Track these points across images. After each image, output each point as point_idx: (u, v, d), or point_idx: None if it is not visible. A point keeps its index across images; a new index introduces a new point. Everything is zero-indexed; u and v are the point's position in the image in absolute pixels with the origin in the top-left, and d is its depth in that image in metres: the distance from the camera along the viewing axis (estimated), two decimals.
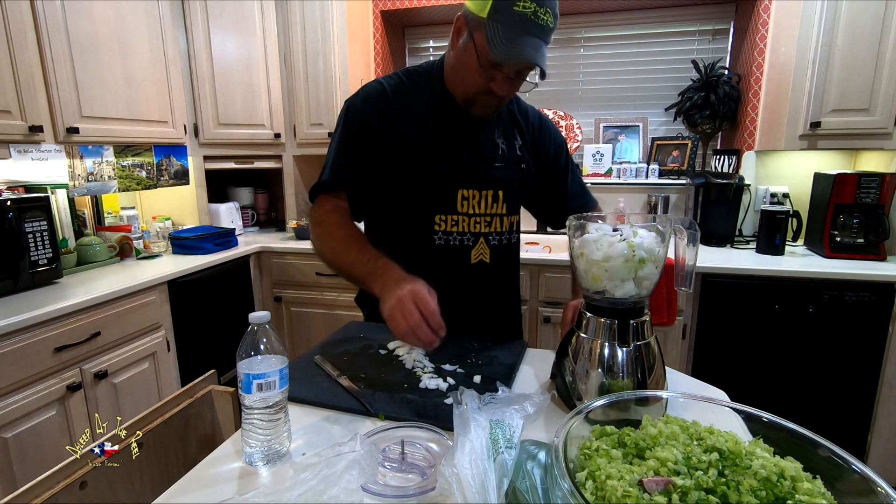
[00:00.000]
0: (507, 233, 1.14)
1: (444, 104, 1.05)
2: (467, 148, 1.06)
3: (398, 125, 1.03)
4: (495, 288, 1.17)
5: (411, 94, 1.05)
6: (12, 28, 1.59)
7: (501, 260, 1.14)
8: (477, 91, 0.98)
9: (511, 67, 0.92)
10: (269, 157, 2.68)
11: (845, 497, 0.49)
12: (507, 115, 1.12)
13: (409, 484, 0.63)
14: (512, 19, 0.87)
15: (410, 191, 1.06)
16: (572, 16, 2.68)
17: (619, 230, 0.76)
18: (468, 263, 1.10)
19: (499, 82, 0.94)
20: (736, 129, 2.48)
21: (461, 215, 1.07)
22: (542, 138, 1.16)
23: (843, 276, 1.84)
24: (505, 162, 1.09)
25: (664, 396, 0.72)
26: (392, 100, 1.03)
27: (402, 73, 1.09)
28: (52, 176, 1.93)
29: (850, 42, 1.90)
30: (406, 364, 0.95)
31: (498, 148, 1.09)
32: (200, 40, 2.34)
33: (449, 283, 1.10)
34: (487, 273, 1.13)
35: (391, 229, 1.13)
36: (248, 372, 0.66)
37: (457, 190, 1.06)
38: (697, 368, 2.03)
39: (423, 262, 1.08)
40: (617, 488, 0.48)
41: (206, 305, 2.13)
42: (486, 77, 0.94)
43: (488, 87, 0.95)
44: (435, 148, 1.04)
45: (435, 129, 1.05)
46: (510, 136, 1.11)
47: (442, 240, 1.08)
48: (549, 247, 2.51)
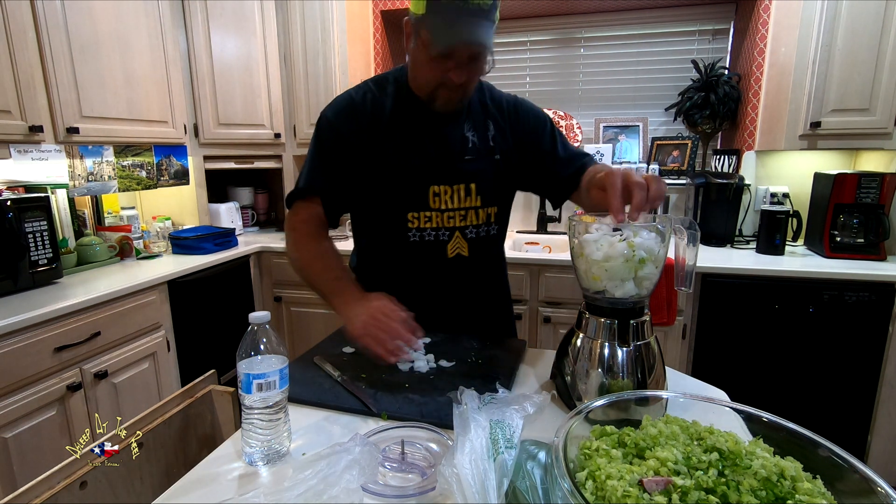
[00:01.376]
0: (485, 225, 1.14)
1: (409, 105, 1.08)
2: (435, 145, 1.08)
3: (367, 131, 1.07)
4: (477, 282, 1.19)
5: (378, 101, 1.08)
6: (12, 28, 1.60)
7: (481, 253, 1.16)
8: (435, 85, 1.00)
9: (459, 53, 0.94)
10: (269, 157, 2.68)
11: (845, 497, 0.49)
12: (477, 107, 1.13)
13: (409, 484, 0.63)
14: (446, 8, 0.91)
15: (382, 191, 1.10)
16: (572, 16, 2.68)
17: (619, 230, 0.76)
18: (445, 258, 1.12)
19: (453, 71, 0.96)
20: (736, 129, 2.48)
21: (434, 211, 1.09)
22: (518, 121, 1.15)
23: (843, 276, 1.84)
24: (476, 154, 1.10)
25: (664, 396, 0.72)
26: (360, 108, 1.08)
27: (370, 81, 1.12)
28: (52, 176, 1.93)
29: (850, 42, 1.91)
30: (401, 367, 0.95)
31: (468, 141, 1.10)
32: (200, 40, 2.34)
33: (428, 278, 1.15)
34: (467, 267, 1.14)
35: (369, 228, 1.18)
36: (248, 372, 0.66)
37: (428, 186, 1.08)
38: (697, 368, 2.03)
39: (400, 258, 1.14)
40: (617, 488, 0.48)
41: (206, 305, 2.13)
42: (439, 69, 0.96)
43: (445, 78, 0.97)
44: (403, 148, 1.07)
45: (402, 130, 1.08)
46: (481, 127, 1.12)
47: (416, 236, 1.11)
48: (549, 247, 2.51)
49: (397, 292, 1.19)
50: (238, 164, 2.62)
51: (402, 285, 1.16)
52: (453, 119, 1.09)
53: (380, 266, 1.20)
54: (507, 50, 2.82)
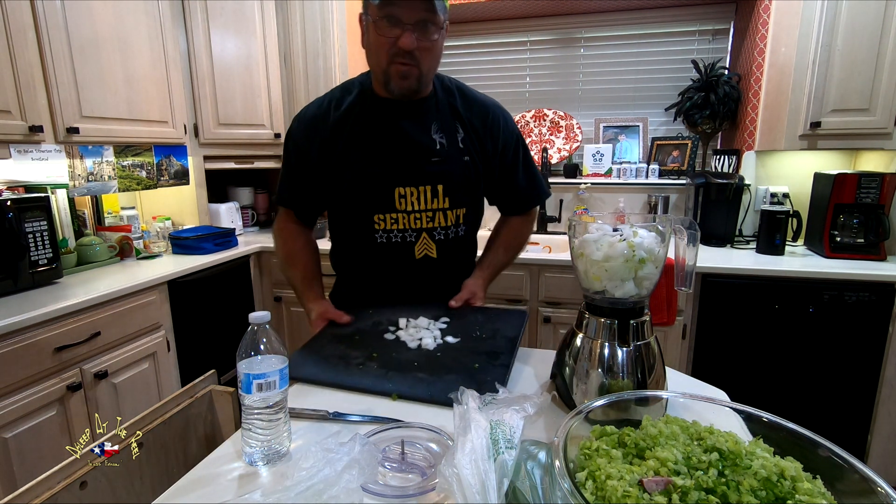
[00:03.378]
0: (454, 226, 1.15)
1: (373, 108, 1.09)
2: (400, 147, 1.08)
3: (329, 140, 1.09)
4: (447, 283, 1.19)
5: (342, 107, 1.10)
6: (12, 28, 1.59)
7: (450, 254, 1.17)
8: (389, 57, 0.99)
9: (404, 13, 0.94)
10: (269, 157, 2.68)
11: (845, 497, 0.49)
12: (447, 109, 1.12)
13: (409, 484, 0.63)
14: None
15: (348, 194, 1.12)
16: (572, 16, 2.68)
17: (619, 230, 0.76)
18: (412, 259, 1.14)
19: (401, 36, 0.96)
20: (736, 129, 2.48)
21: (400, 213, 1.10)
22: (488, 128, 1.14)
23: (843, 276, 1.84)
24: (444, 156, 1.10)
25: (664, 396, 0.72)
26: (322, 117, 1.10)
27: (338, 88, 1.15)
28: (52, 176, 1.93)
29: (850, 42, 1.90)
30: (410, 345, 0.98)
31: (435, 143, 1.10)
32: (200, 40, 2.34)
33: (396, 279, 1.18)
34: (435, 268, 1.16)
35: (340, 229, 1.22)
36: (248, 372, 0.66)
37: (393, 188, 1.09)
38: (697, 368, 2.03)
39: (368, 259, 1.17)
40: (617, 488, 0.48)
41: (206, 305, 2.13)
42: (389, 39, 0.97)
43: (396, 48, 0.97)
44: (367, 152, 1.08)
45: (366, 134, 1.09)
46: (450, 129, 1.11)
47: (383, 238, 1.12)
48: (549, 247, 2.51)
49: (369, 291, 1.23)
50: (238, 164, 2.62)
51: (373, 285, 1.20)
52: (419, 121, 1.09)
53: (352, 265, 1.24)
54: (507, 50, 2.82)
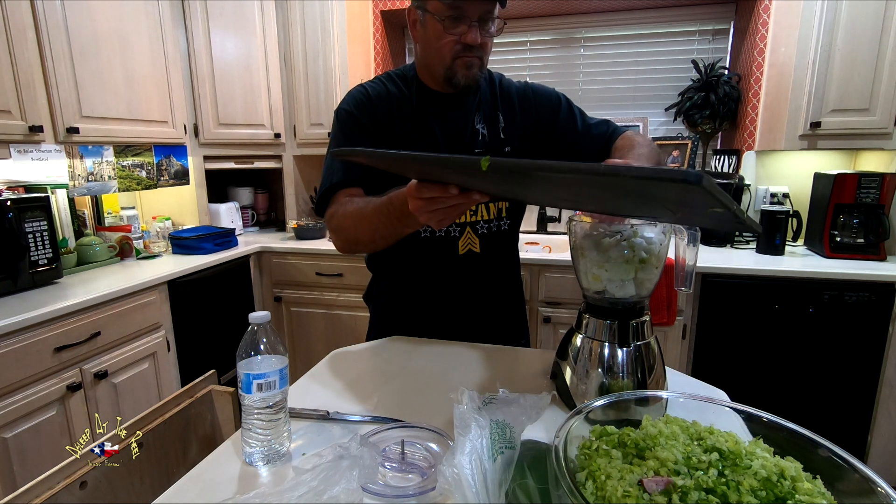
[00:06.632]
0: (496, 219, 1.14)
1: (420, 100, 1.08)
2: (445, 138, 1.08)
3: (382, 124, 1.07)
4: (490, 279, 1.17)
5: (391, 96, 1.09)
6: (12, 28, 1.59)
7: (493, 249, 1.15)
8: (451, 57, 1.00)
9: (469, 10, 0.95)
10: (269, 157, 2.68)
11: (845, 497, 0.49)
12: (488, 99, 1.12)
13: (409, 484, 0.63)
14: None
15: (393, 185, 1.08)
16: (572, 16, 2.68)
17: (620, 230, 0.76)
18: (456, 254, 1.12)
19: (467, 33, 0.96)
20: (736, 129, 2.48)
21: None
22: (529, 107, 1.14)
23: (843, 276, 1.84)
24: (486, 147, 1.10)
25: (664, 396, 0.72)
26: (375, 101, 1.08)
27: (383, 77, 1.12)
28: (52, 176, 1.93)
29: (850, 42, 1.90)
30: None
31: (478, 134, 1.10)
32: (200, 40, 2.34)
33: (440, 275, 1.14)
34: (479, 263, 1.13)
35: None
36: (248, 372, 0.66)
37: None
38: (697, 368, 2.03)
39: (411, 254, 1.13)
40: (617, 488, 0.48)
41: (206, 305, 2.13)
42: (454, 37, 0.97)
43: (460, 44, 0.98)
44: (414, 143, 1.07)
45: (413, 125, 1.08)
46: (492, 120, 1.12)
47: (427, 232, 1.10)
48: (549, 247, 2.51)
49: (410, 289, 1.17)
50: (238, 165, 2.62)
51: (415, 282, 1.17)
52: (464, 112, 1.09)
53: (393, 263, 1.20)
54: (507, 50, 2.82)
